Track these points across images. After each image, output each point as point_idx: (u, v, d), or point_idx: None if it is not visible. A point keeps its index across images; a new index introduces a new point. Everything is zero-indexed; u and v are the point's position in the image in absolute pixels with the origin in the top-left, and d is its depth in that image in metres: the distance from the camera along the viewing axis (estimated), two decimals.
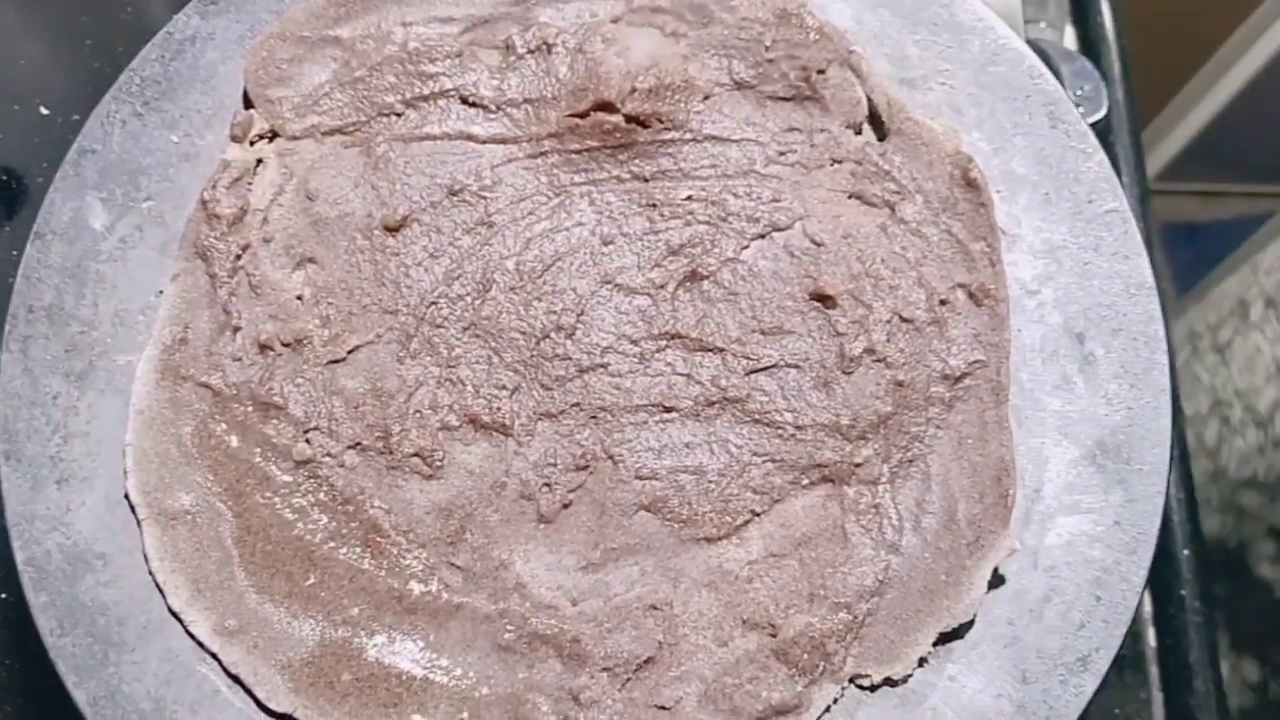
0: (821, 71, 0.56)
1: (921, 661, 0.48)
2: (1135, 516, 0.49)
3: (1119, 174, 0.81)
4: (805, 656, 0.47)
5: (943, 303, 0.52)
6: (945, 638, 0.48)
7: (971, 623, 0.48)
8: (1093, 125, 0.73)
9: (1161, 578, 0.70)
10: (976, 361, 0.51)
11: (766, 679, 0.47)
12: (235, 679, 0.48)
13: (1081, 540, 0.49)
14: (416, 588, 0.49)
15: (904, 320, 0.52)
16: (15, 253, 0.53)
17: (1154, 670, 0.70)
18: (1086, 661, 0.47)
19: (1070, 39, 0.91)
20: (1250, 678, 0.87)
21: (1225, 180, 1.61)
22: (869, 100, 0.55)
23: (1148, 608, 0.72)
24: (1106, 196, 0.54)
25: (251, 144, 0.56)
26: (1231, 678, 0.66)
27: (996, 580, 0.48)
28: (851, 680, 0.48)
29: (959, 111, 0.55)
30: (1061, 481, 0.50)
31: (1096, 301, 0.53)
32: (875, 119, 0.55)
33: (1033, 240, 0.54)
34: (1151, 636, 0.71)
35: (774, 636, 0.48)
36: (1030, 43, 0.74)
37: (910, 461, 0.51)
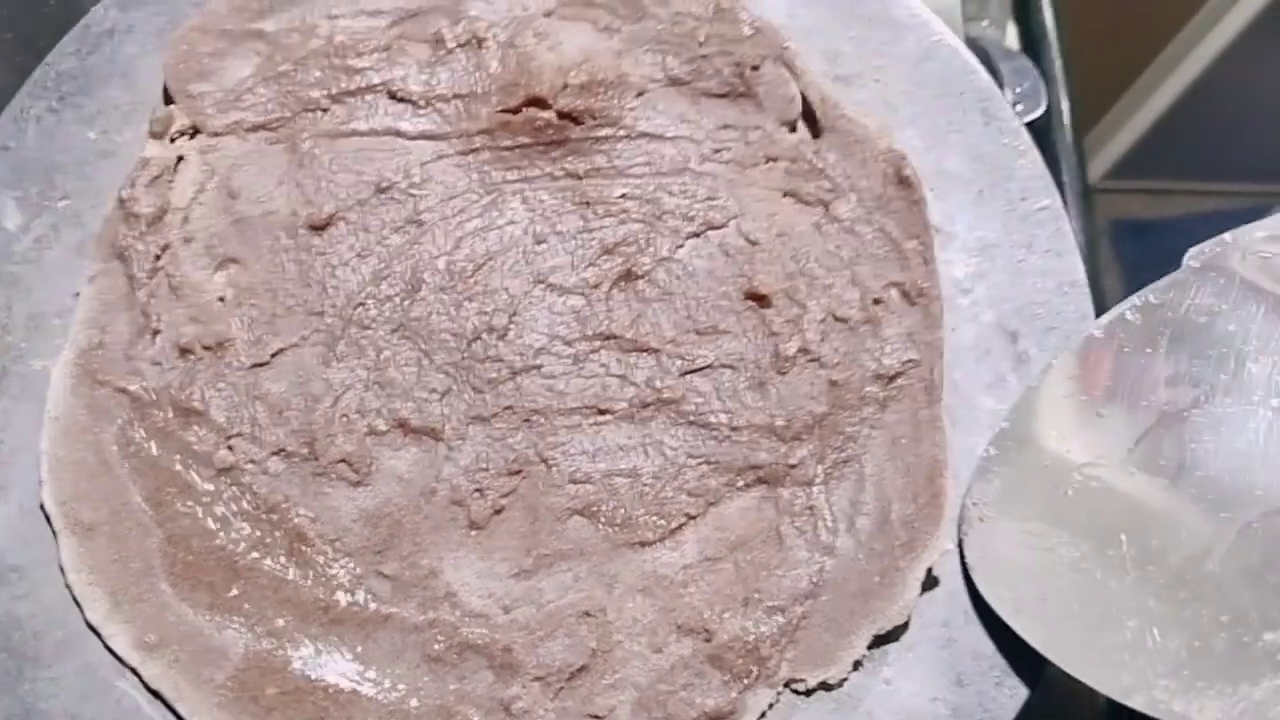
0: (756, 68, 0.55)
1: (857, 665, 0.47)
2: None
3: (1059, 173, 0.81)
4: (739, 661, 0.46)
5: (876, 301, 0.52)
6: (880, 640, 0.47)
7: (907, 625, 0.47)
8: (1032, 123, 0.73)
9: None
10: (910, 361, 0.51)
11: (701, 685, 0.46)
12: (156, 695, 0.46)
13: None
14: (343, 598, 0.47)
15: (838, 319, 0.51)
16: None
17: None
18: (1020, 666, 0.47)
19: (1012, 37, 0.90)
20: None
21: (1172, 178, 1.63)
22: (803, 97, 0.54)
23: None
24: (1039, 194, 0.53)
25: (172, 141, 0.53)
26: None
27: (931, 582, 0.48)
28: (786, 685, 0.47)
29: (893, 109, 0.55)
30: None
31: (1030, 300, 0.52)
32: (810, 116, 0.54)
33: (966, 238, 0.53)
34: None
35: (708, 642, 0.47)
36: (969, 40, 0.74)
37: (845, 462, 0.50)
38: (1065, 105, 0.88)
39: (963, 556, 0.48)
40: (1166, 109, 1.49)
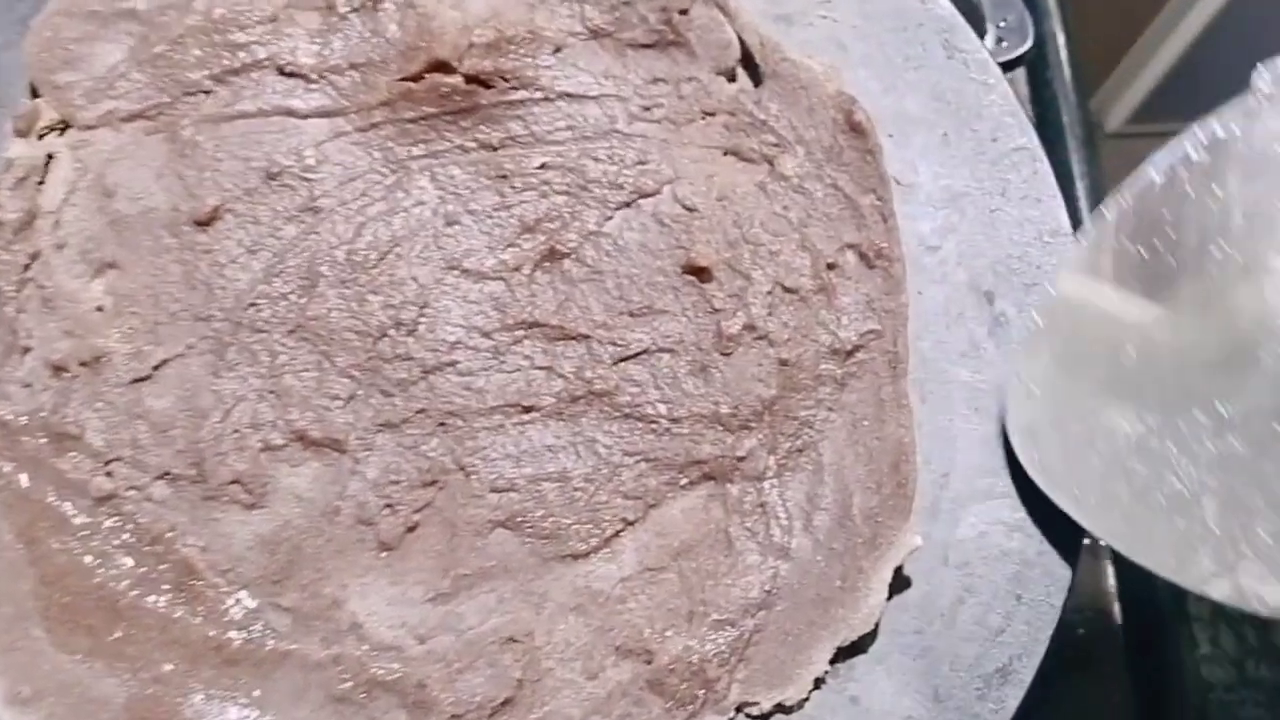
0: (684, 12, 0.49)
1: (818, 683, 0.41)
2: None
3: (1058, 115, 0.75)
4: (683, 686, 0.41)
5: (830, 267, 0.46)
6: (845, 653, 0.42)
7: (874, 634, 0.42)
8: (1020, 59, 0.66)
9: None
10: (870, 332, 0.45)
11: (640, 715, 0.41)
12: None
13: (997, 530, 0.43)
14: (237, 636, 0.43)
15: (787, 290, 0.46)
16: None
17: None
18: (1007, 672, 0.41)
19: None
20: (1230, 651, 0.81)
21: (1198, 120, 1.54)
22: (740, 41, 0.49)
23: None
24: (1013, 133, 0.47)
25: (40, 138, 0.49)
26: (1212, 652, 0.60)
27: (901, 583, 0.42)
28: (739, 710, 0.42)
29: (843, 48, 0.49)
30: (972, 464, 0.44)
31: (1006, 254, 0.46)
32: (749, 62, 0.49)
33: (931, 189, 0.47)
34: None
35: (649, 664, 0.42)
36: None
37: (800, 451, 0.45)
38: (1061, 39, 0.81)
39: (1008, 446, 0.43)
40: (1187, 46, 1.41)
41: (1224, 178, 0.39)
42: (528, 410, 0.46)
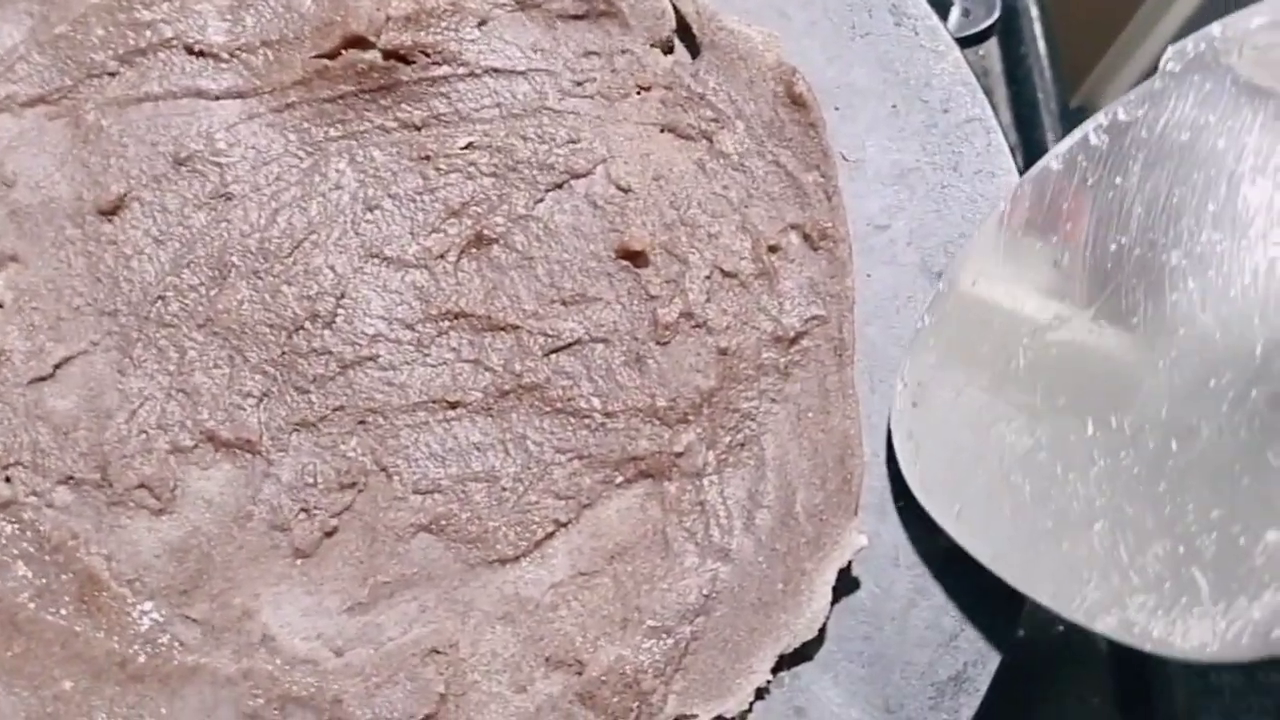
0: None
1: (761, 693, 0.39)
2: None
3: (1034, 88, 0.73)
4: (616, 698, 0.39)
5: (772, 249, 0.44)
6: (789, 660, 0.40)
7: (821, 640, 0.40)
8: (988, 31, 0.64)
9: None
10: (814, 318, 0.43)
11: None
12: None
13: None
14: (143, 650, 0.41)
15: (726, 274, 0.44)
16: None
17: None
18: (961, 680, 0.39)
19: None
20: None
21: None
22: (675, 10, 0.46)
23: None
24: (965, 103, 0.45)
25: None
26: None
27: (849, 584, 0.40)
28: None
29: (785, 15, 0.46)
30: None
31: (959, 232, 0.44)
32: (686, 32, 0.46)
33: (880, 164, 0.45)
34: None
35: (579, 675, 0.40)
36: None
37: (741, 445, 0.42)
38: (1035, 11, 0.79)
39: (891, 452, 0.40)
40: (1175, 34, 1.39)
41: (1125, 165, 0.36)
42: (453, 406, 0.43)
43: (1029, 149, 0.72)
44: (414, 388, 0.43)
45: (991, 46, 0.75)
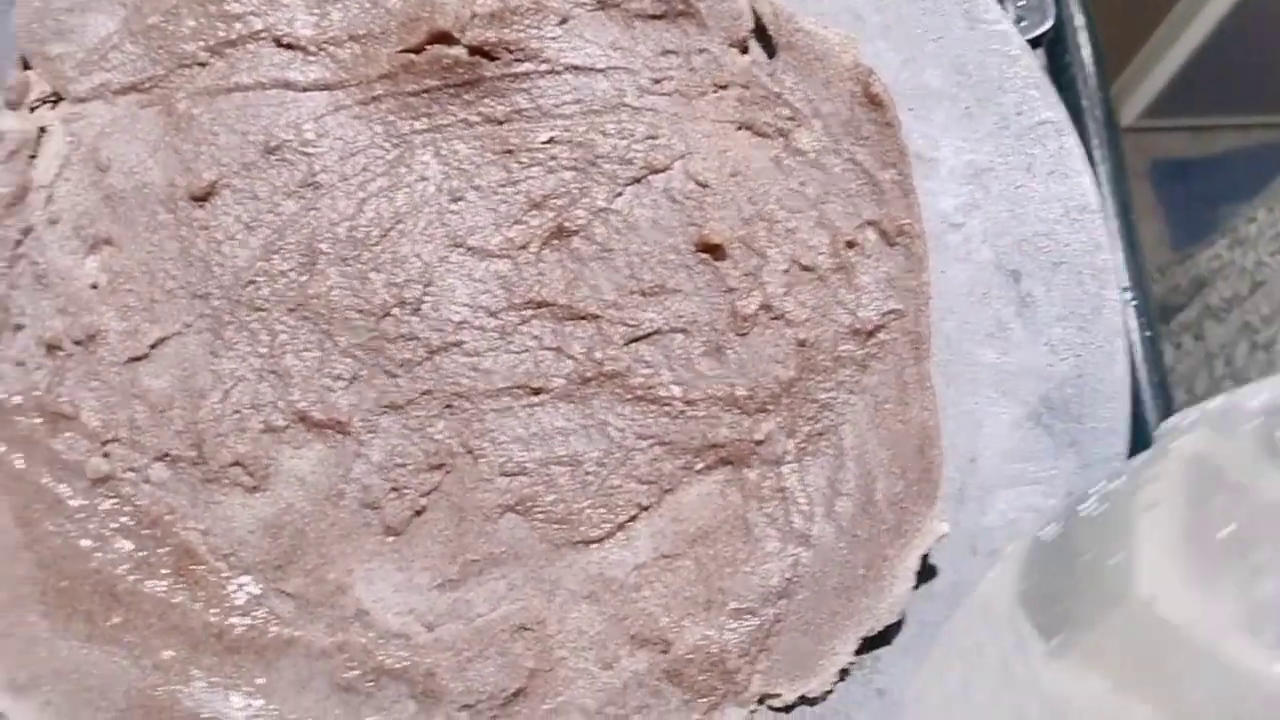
0: None
1: (843, 674, 0.41)
2: (1092, 485, 0.42)
3: (1078, 96, 0.74)
4: (702, 677, 0.41)
5: (849, 245, 0.46)
6: (870, 644, 0.42)
7: (900, 625, 0.41)
8: (1039, 40, 0.66)
9: None
10: (891, 312, 0.45)
11: (658, 706, 0.41)
12: None
13: (1028, 518, 0.43)
14: (240, 622, 0.42)
15: (804, 268, 0.45)
16: None
17: None
18: None
19: None
20: None
21: (1213, 114, 1.55)
22: (753, 11, 0.48)
23: None
24: (1038, 106, 0.47)
25: (31, 110, 0.49)
26: None
27: (927, 572, 0.42)
28: (761, 701, 0.42)
29: (859, 18, 0.48)
30: (1001, 448, 0.44)
31: (1032, 231, 0.46)
32: (763, 33, 0.48)
33: (954, 164, 0.47)
34: None
35: (665, 654, 0.41)
36: None
37: (820, 435, 0.44)
38: (1081, 20, 0.80)
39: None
40: (1203, 40, 1.41)
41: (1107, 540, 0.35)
42: (536, 392, 0.45)
43: None
44: (498, 373, 0.45)
45: (1038, 54, 0.76)
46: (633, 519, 0.44)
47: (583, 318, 0.46)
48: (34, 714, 0.42)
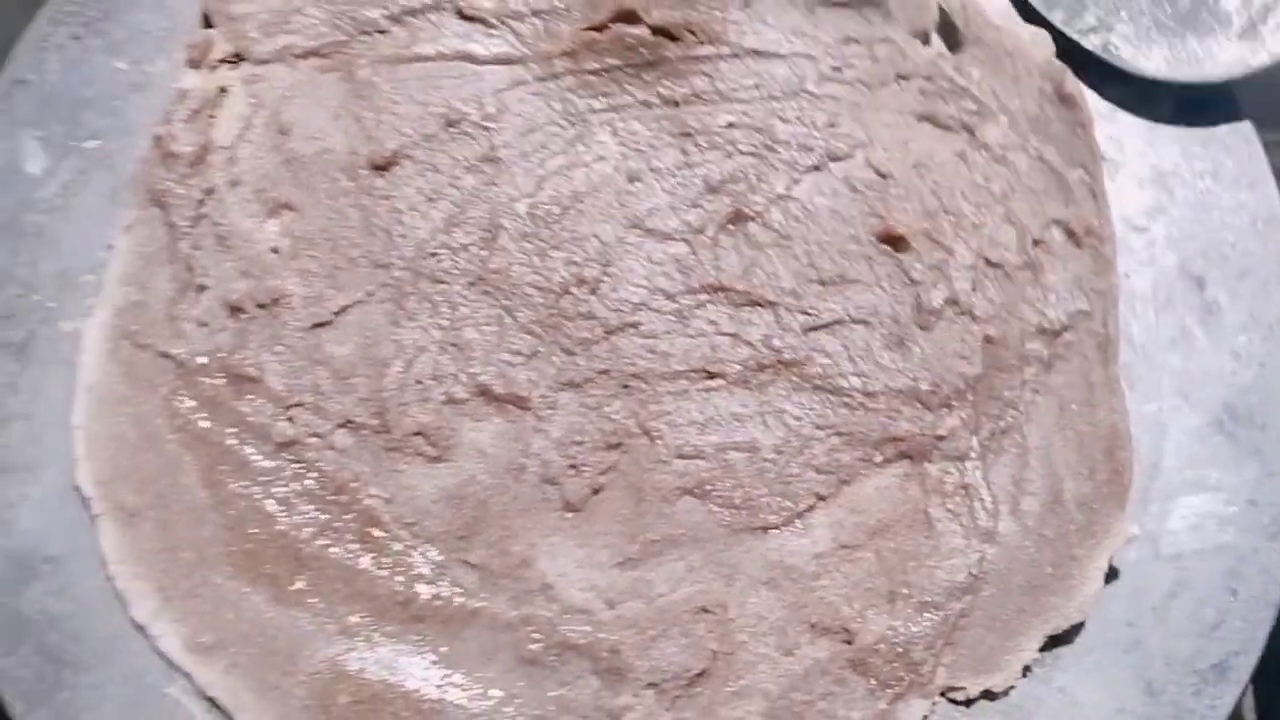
0: None
1: (1025, 670, 0.42)
2: (1275, 493, 0.43)
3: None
4: (888, 667, 0.42)
5: (1036, 243, 0.47)
6: (1050, 643, 0.42)
7: (1080, 626, 0.42)
8: None
9: None
10: (1079, 312, 0.46)
11: (843, 694, 0.42)
12: (213, 703, 0.44)
13: (1210, 523, 0.44)
14: (425, 590, 0.44)
15: (991, 264, 0.46)
16: None
17: None
18: (1224, 669, 0.42)
19: None
20: None
21: None
22: (939, 4, 0.48)
23: None
24: (1226, 113, 0.47)
25: (212, 70, 0.51)
26: None
27: (1110, 573, 0.43)
28: (943, 694, 0.44)
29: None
30: (1183, 454, 0.46)
31: (1218, 238, 0.47)
32: (948, 26, 0.48)
33: (1138, 167, 0.48)
34: None
35: (849, 644, 0.43)
36: None
37: (1004, 433, 0.45)
38: None
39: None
40: None
41: None
42: (713, 376, 0.46)
43: None
44: (675, 356, 0.46)
45: None
46: (810, 508, 0.45)
47: (760, 304, 0.47)
48: (219, 675, 0.43)
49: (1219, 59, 0.45)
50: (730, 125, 0.50)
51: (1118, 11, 0.47)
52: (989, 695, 0.43)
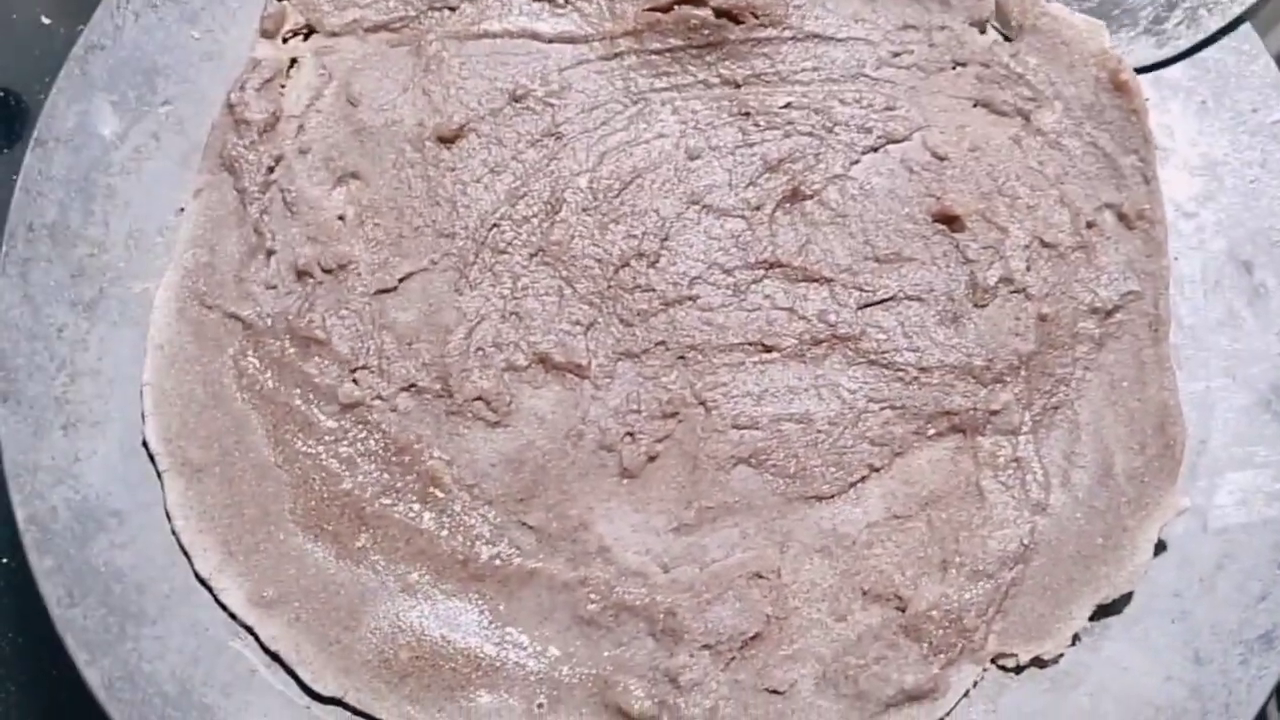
0: None
1: (1075, 639, 0.42)
2: None
3: None
4: (940, 633, 0.43)
5: (1089, 225, 0.48)
6: (1100, 612, 0.43)
7: (1129, 596, 0.43)
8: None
9: None
10: (1130, 293, 0.47)
11: (896, 659, 0.43)
12: (274, 657, 0.45)
13: (1258, 498, 0.45)
14: (484, 550, 0.44)
15: (1045, 245, 0.47)
16: (15, 177, 0.47)
17: None
18: (1271, 639, 0.42)
19: None
20: None
21: None
22: None
23: None
24: (1274, 105, 0.49)
25: (285, 41, 0.53)
26: None
27: (1158, 546, 0.43)
28: (994, 660, 0.44)
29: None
30: (1231, 431, 0.47)
31: (1265, 224, 0.48)
32: (1004, 14, 0.49)
33: (1189, 154, 0.49)
34: None
35: (902, 610, 0.44)
36: None
37: (1055, 408, 0.46)
38: None
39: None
40: None
41: None
42: (768, 350, 0.47)
43: None
44: (731, 329, 0.47)
45: None
46: (864, 479, 0.46)
47: (815, 280, 0.48)
48: (281, 629, 0.44)
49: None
50: (789, 106, 0.51)
51: None
52: (1039, 663, 0.43)
